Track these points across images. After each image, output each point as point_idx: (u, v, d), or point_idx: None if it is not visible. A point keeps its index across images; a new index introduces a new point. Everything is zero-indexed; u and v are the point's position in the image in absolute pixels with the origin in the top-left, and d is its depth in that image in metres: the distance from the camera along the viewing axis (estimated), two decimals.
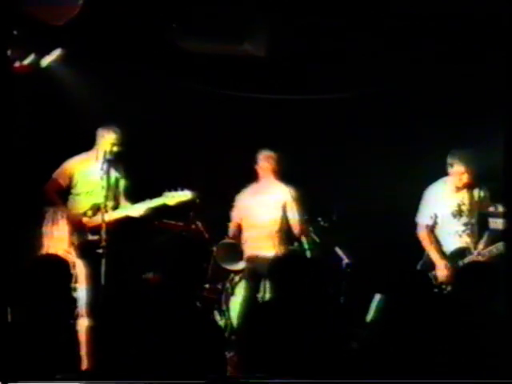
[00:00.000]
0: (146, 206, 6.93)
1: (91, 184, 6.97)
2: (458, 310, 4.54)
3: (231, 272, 7.48)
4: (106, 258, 6.43)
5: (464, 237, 6.69)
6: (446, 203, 6.72)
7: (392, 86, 7.57)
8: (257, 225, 7.42)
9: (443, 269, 6.58)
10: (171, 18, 7.10)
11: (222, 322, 7.02)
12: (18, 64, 6.91)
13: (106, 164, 6.80)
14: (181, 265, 4.28)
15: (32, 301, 4.29)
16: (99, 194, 6.81)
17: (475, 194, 6.72)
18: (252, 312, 4.77)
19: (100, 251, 6.47)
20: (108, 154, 6.84)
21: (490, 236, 6.63)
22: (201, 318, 4.27)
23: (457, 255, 6.65)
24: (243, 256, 7.46)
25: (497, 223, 6.68)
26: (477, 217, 6.69)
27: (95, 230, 6.77)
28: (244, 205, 7.54)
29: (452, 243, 6.73)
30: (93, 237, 6.78)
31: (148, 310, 4.12)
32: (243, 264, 7.43)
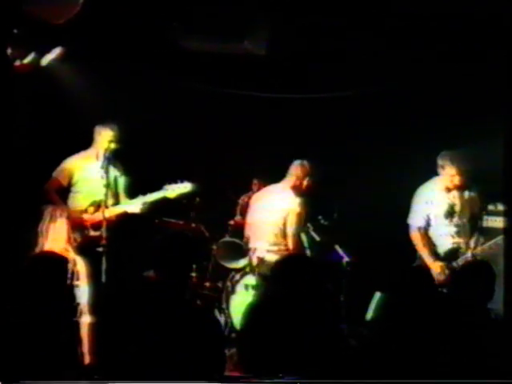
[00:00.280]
0: (146, 200, 6.93)
1: (91, 182, 6.97)
2: (458, 308, 4.55)
3: (231, 270, 7.49)
4: (107, 256, 6.44)
5: (456, 238, 6.66)
6: (438, 204, 6.68)
7: (393, 86, 7.57)
8: (259, 225, 7.39)
9: (437, 271, 6.48)
10: (172, 17, 7.10)
11: (222, 319, 7.02)
12: (18, 63, 6.90)
13: (105, 161, 6.80)
14: (179, 262, 4.28)
15: (32, 299, 4.28)
16: (99, 191, 6.81)
17: (466, 194, 6.69)
18: (252, 310, 4.76)
19: (100, 249, 6.48)
20: (107, 152, 6.84)
21: (482, 235, 6.63)
22: (201, 316, 4.27)
23: (450, 256, 6.61)
24: (243, 254, 7.46)
25: (496, 221, 6.70)
26: (468, 217, 6.68)
27: (96, 226, 6.78)
28: (255, 204, 7.51)
29: (444, 244, 6.69)
30: (94, 233, 6.80)
31: (148, 308, 4.12)
32: (243, 262, 7.43)
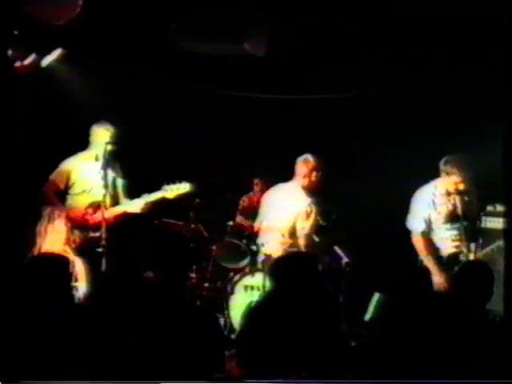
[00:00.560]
0: (145, 201, 6.93)
1: (88, 183, 6.94)
2: (457, 309, 4.56)
3: (231, 271, 7.50)
4: (106, 257, 6.43)
5: (457, 241, 6.63)
6: (438, 208, 6.63)
7: (391, 87, 7.58)
8: (271, 224, 7.31)
9: (439, 275, 6.46)
10: (170, 18, 7.11)
11: (222, 320, 7.03)
12: (18, 64, 6.91)
13: (104, 162, 6.80)
14: (178, 263, 4.29)
15: (31, 300, 4.29)
16: (97, 192, 6.80)
17: (466, 197, 6.64)
18: (251, 310, 4.77)
19: (100, 250, 6.47)
20: (105, 153, 6.84)
21: (482, 237, 6.62)
22: (200, 316, 4.28)
23: (452, 261, 6.55)
24: (243, 254, 7.46)
25: (495, 223, 6.70)
26: (469, 220, 6.64)
27: (95, 227, 6.78)
28: (268, 202, 7.41)
29: (445, 248, 6.65)
30: (94, 234, 6.80)
31: (147, 308, 4.13)
32: (243, 262, 7.43)
